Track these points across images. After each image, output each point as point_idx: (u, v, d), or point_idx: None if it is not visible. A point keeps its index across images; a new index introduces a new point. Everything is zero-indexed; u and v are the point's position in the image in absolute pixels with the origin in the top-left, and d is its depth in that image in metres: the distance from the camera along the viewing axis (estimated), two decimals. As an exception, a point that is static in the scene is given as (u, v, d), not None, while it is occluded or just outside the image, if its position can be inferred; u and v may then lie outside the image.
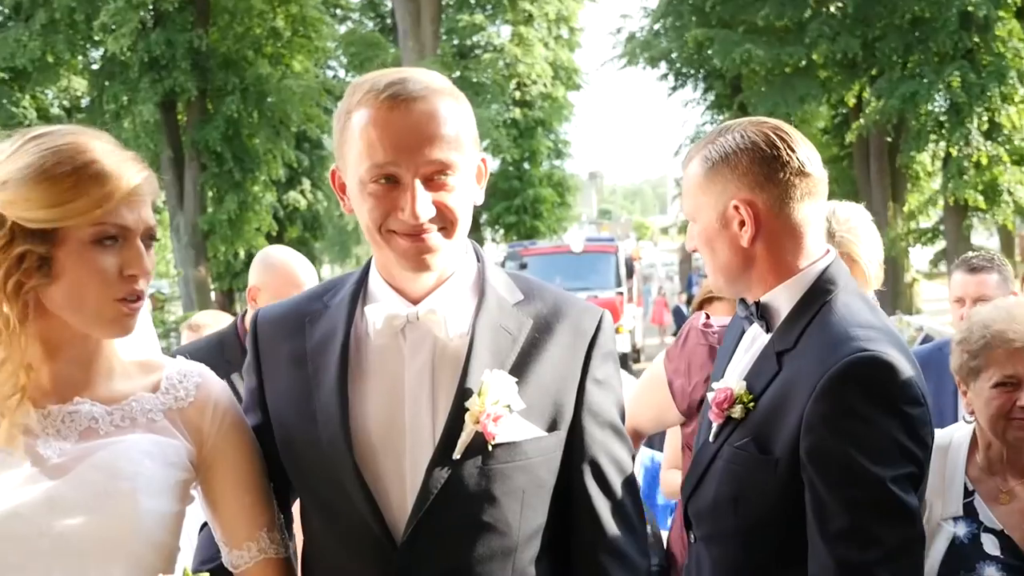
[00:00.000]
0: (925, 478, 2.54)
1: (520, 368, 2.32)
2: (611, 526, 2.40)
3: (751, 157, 2.62)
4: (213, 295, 33.95)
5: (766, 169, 2.62)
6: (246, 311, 4.76)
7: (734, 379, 2.69)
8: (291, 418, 2.38)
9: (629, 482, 2.45)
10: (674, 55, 35.41)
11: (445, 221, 2.27)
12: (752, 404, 2.60)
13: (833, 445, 2.42)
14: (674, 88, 37.04)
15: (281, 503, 2.48)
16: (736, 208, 2.62)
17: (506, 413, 2.24)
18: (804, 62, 30.20)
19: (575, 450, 2.37)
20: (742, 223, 2.62)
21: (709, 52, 31.57)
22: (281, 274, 4.49)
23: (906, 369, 2.46)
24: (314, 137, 36.42)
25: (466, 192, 2.30)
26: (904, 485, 2.42)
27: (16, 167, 2.14)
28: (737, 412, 2.61)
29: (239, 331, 4.51)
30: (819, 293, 2.62)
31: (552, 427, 2.34)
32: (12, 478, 2.15)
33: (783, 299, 2.65)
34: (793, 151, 2.64)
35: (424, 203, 2.23)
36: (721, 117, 35.78)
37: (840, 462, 2.41)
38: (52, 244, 2.14)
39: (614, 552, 2.39)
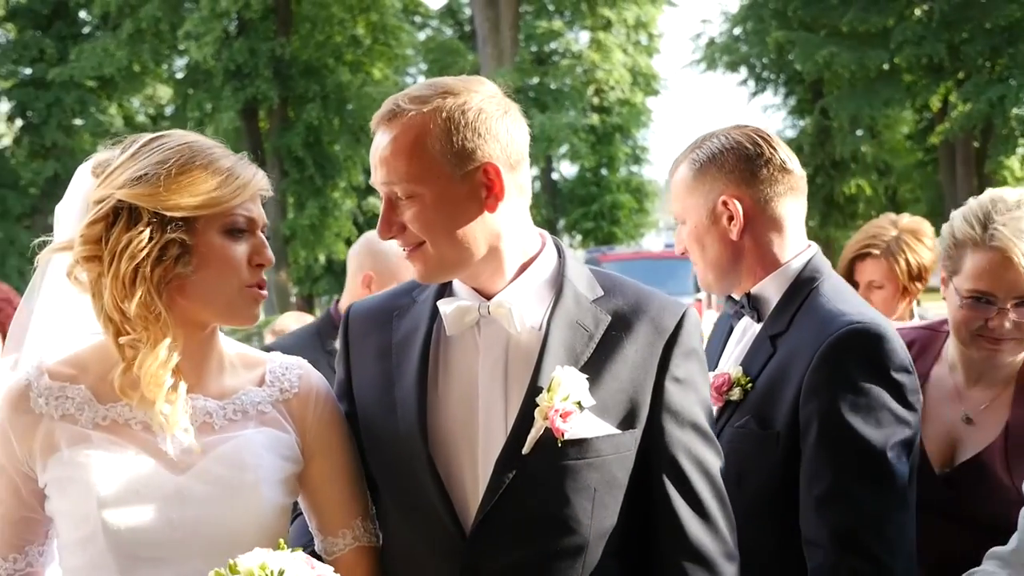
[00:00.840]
0: (916, 442, 2.68)
1: (596, 365, 2.31)
2: (693, 529, 2.34)
3: (737, 155, 2.81)
4: (293, 299, 34.37)
5: (751, 166, 2.81)
6: (338, 298, 4.75)
7: (730, 366, 2.84)
8: (373, 409, 2.44)
9: (713, 484, 2.38)
10: (754, 60, 35.10)
11: (409, 241, 2.33)
12: (750, 385, 2.75)
13: (830, 410, 2.56)
14: (754, 93, 36.72)
15: (371, 493, 2.52)
16: (724, 204, 2.80)
17: (576, 410, 2.23)
18: (888, 66, 29.72)
19: (654, 450, 2.33)
20: (731, 218, 2.80)
21: (790, 56, 31.24)
22: (397, 259, 4.22)
23: (895, 339, 2.65)
24: (393, 143, 36.65)
25: (431, 212, 2.27)
26: (899, 451, 2.57)
27: (150, 162, 2.26)
28: (736, 394, 2.76)
29: (334, 319, 4.44)
30: (806, 281, 2.81)
31: (627, 425, 2.31)
32: (137, 472, 2.25)
33: (772, 289, 2.83)
34: (775, 149, 2.83)
35: (384, 222, 2.32)
36: (802, 122, 35.40)
37: (836, 426, 2.56)
38: (192, 233, 2.26)
39: (696, 557, 2.34)
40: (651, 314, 2.37)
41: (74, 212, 2.40)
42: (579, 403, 2.24)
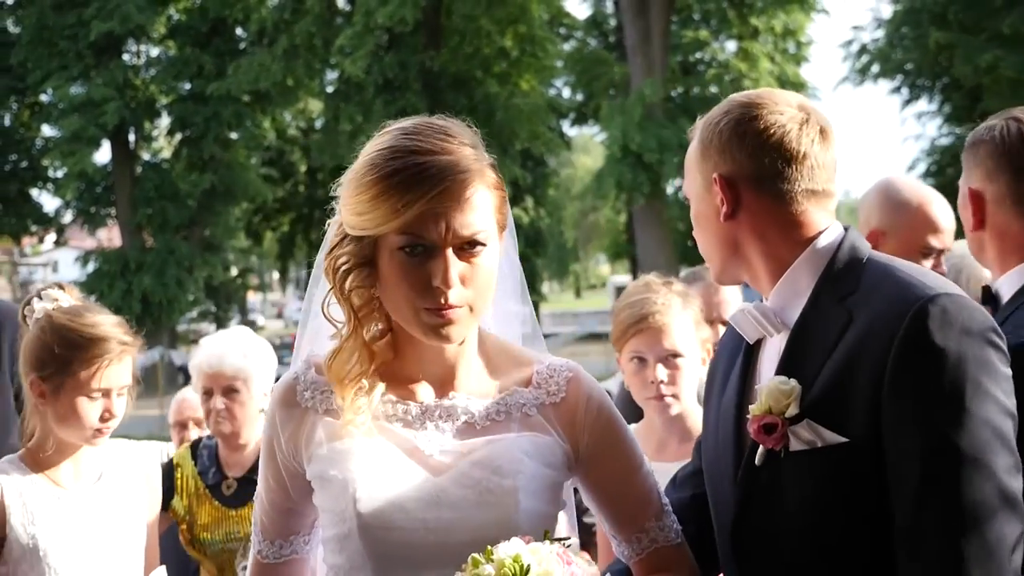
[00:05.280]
0: None
1: (827, 370, 2.18)
2: (933, 551, 2.07)
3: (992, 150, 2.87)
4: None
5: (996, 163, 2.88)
6: None
7: None
8: (711, 418, 2.50)
9: (947, 500, 2.07)
10: (909, 66, 34.18)
11: None
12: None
13: None
14: (908, 101, 35.74)
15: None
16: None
17: (781, 422, 2.17)
18: (1054, 70, 28.61)
19: (888, 462, 2.13)
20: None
21: (949, 60, 30.31)
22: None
23: None
24: (537, 154, 36.81)
25: (693, 220, 2.48)
26: None
27: (346, 176, 2.22)
28: None
29: None
30: None
31: (855, 435, 2.14)
32: (394, 471, 2.19)
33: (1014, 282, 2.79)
34: None
35: None
36: (959, 129, 34.29)
37: None
38: (375, 251, 2.20)
39: None
40: (896, 309, 2.14)
41: None
42: (783, 414, 2.17)
